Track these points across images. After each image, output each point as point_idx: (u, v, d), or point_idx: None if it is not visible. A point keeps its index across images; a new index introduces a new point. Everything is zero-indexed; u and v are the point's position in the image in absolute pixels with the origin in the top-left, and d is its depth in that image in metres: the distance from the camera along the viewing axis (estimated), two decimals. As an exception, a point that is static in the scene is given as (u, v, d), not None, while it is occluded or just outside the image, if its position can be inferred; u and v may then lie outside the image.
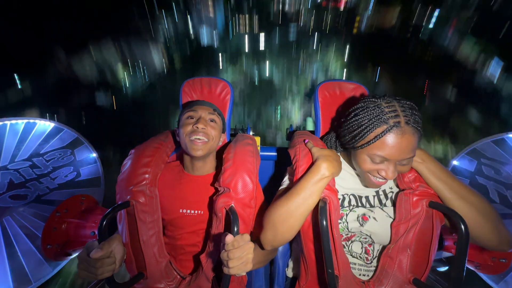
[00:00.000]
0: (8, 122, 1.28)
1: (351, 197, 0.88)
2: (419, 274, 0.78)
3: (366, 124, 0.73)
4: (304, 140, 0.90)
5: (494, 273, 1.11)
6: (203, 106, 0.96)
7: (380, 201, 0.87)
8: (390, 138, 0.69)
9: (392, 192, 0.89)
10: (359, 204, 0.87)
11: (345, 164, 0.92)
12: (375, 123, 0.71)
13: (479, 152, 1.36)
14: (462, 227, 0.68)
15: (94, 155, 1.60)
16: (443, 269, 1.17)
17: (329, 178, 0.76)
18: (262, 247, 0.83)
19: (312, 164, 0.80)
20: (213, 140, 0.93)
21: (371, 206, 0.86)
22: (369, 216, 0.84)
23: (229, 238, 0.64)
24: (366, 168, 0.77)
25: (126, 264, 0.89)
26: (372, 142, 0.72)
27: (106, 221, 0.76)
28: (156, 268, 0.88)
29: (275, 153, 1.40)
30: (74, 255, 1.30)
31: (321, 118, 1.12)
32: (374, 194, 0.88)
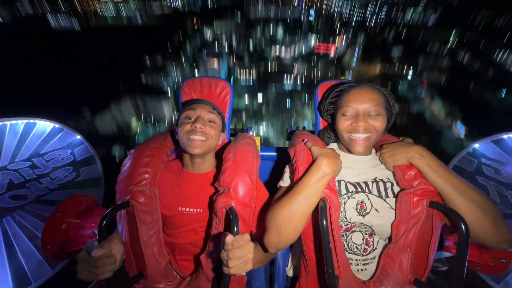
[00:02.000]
0: (8, 122, 1.28)
1: (348, 184, 0.88)
2: (420, 274, 0.78)
3: (338, 90, 0.96)
4: (303, 140, 0.90)
5: (495, 273, 1.11)
6: (202, 104, 0.96)
7: (379, 189, 0.87)
8: (352, 92, 0.89)
9: (391, 182, 0.88)
10: (359, 190, 0.86)
11: (343, 155, 0.94)
12: (342, 87, 0.95)
13: (479, 152, 1.36)
14: (463, 227, 0.67)
15: (94, 155, 1.60)
16: (443, 269, 1.17)
17: (330, 175, 0.76)
18: (262, 246, 0.83)
19: (313, 162, 0.80)
20: (212, 139, 0.93)
21: (370, 192, 0.86)
22: (366, 204, 0.84)
23: (229, 238, 0.64)
24: (343, 126, 0.89)
25: (126, 264, 0.88)
26: (341, 98, 0.92)
27: (106, 221, 0.75)
28: (156, 268, 0.88)
29: (275, 153, 1.40)
30: (74, 255, 1.30)
31: (321, 118, 1.12)
32: (373, 180, 0.88)
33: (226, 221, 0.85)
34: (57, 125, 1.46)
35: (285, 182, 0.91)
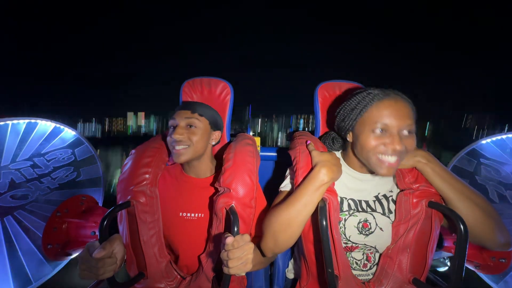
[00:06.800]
0: (10, 122, 1.28)
1: (350, 201, 0.87)
2: (419, 274, 0.79)
3: (362, 100, 0.78)
4: (307, 142, 0.89)
5: (494, 273, 1.11)
6: (182, 111, 0.93)
7: (382, 205, 0.85)
8: (386, 105, 0.74)
9: (393, 194, 0.87)
10: (360, 209, 0.85)
11: (344, 166, 0.90)
12: (369, 98, 0.77)
13: (478, 152, 1.36)
14: (462, 227, 0.68)
15: (95, 155, 1.60)
16: (443, 269, 1.17)
17: (328, 183, 0.75)
18: (260, 249, 0.83)
19: (312, 169, 0.79)
20: (195, 145, 0.90)
21: (373, 210, 0.85)
22: (370, 223, 0.83)
23: (229, 239, 0.64)
24: (371, 145, 0.75)
25: (126, 264, 0.89)
26: (368, 109, 0.77)
27: (107, 221, 0.76)
28: (157, 268, 0.88)
29: (275, 154, 1.40)
30: (75, 255, 1.30)
31: (320, 118, 1.12)
32: (374, 199, 0.87)
33: (226, 221, 0.85)
34: (58, 125, 1.47)
35: (285, 186, 0.90)
